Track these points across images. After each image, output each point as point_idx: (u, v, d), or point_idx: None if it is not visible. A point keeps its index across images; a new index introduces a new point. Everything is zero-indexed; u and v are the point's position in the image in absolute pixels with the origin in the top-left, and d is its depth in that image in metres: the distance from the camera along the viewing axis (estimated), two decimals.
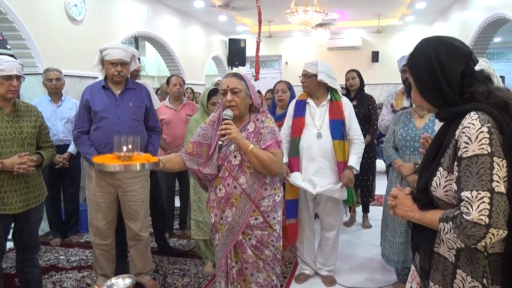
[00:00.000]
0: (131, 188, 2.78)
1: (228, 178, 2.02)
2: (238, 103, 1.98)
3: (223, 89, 1.99)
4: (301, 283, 3.07)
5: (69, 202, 4.01)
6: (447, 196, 1.14)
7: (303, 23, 6.53)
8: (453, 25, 7.29)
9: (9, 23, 3.93)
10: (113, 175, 2.72)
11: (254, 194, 2.02)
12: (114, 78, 2.70)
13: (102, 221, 2.79)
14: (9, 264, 3.34)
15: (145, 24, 6.24)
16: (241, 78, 2.04)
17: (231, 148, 2.03)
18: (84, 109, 2.72)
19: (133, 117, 2.73)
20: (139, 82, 3.00)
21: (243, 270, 2.09)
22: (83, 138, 2.71)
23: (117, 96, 2.73)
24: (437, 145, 1.21)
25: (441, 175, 1.15)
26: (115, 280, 1.38)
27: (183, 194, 4.22)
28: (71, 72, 4.45)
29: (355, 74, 4.24)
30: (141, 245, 2.90)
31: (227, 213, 2.05)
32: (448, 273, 1.17)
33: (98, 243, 2.83)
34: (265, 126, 2.05)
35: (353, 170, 2.81)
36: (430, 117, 2.69)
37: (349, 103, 2.94)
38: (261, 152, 1.95)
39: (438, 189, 1.16)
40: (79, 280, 3.14)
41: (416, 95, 1.26)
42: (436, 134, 1.27)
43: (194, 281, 3.10)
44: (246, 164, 2.01)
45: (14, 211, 2.31)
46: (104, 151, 2.66)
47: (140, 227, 2.85)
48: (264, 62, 10.65)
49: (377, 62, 9.53)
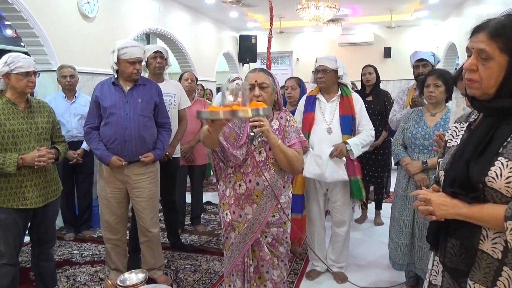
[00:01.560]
0: (139, 184, 2.79)
1: (250, 174, 2.00)
2: (266, 98, 1.97)
3: (251, 83, 1.97)
4: (312, 279, 3.07)
5: (82, 197, 4.06)
6: (507, 188, 1.05)
7: (315, 19, 6.48)
8: (468, 20, 7.16)
9: (23, 21, 3.97)
10: (121, 171, 2.73)
11: (277, 191, 2.02)
12: (132, 76, 2.72)
13: (112, 216, 2.82)
14: (25, 258, 3.40)
15: (156, 20, 6.26)
16: (268, 73, 2.03)
17: (255, 143, 2.01)
18: (94, 105, 2.75)
19: (142, 113, 2.73)
20: (149, 79, 3.01)
21: (259, 268, 2.09)
22: (93, 133, 2.74)
23: (126, 92, 2.74)
24: (486, 135, 1.10)
25: (503, 165, 1.05)
26: (128, 275, 1.40)
27: (194, 190, 4.24)
28: (84, 69, 4.49)
29: (372, 70, 4.19)
30: (152, 241, 2.92)
31: (247, 210, 2.03)
32: (490, 270, 1.09)
33: (108, 238, 2.86)
34: (290, 125, 2.07)
35: (347, 146, 2.76)
36: (442, 115, 2.65)
37: (359, 99, 2.92)
38: (288, 149, 1.96)
39: (498, 180, 1.05)
40: (92, 274, 3.18)
41: (494, 76, 1.07)
42: (481, 124, 1.16)
43: (205, 276, 3.12)
44: (271, 161, 2.00)
45: (35, 205, 2.36)
46: (112, 147, 2.69)
47: (149, 223, 2.87)
48: (275, 58, 10.61)
49: (389, 58, 9.42)
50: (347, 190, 2.89)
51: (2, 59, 2.33)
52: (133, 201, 2.85)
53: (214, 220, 4.52)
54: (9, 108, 2.33)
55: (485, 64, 1.06)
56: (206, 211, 4.83)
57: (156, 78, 3.33)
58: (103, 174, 2.79)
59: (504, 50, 1.02)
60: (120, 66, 2.70)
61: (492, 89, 1.08)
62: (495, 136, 1.08)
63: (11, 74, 2.31)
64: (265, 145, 2.00)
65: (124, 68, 2.69)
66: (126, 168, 2.74)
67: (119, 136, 2.69)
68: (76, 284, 3.02)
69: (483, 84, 1.08)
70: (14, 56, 2.32)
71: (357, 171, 2.88)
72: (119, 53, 2.66)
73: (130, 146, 2.70)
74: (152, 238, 2.91)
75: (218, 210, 2.20)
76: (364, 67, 4.25)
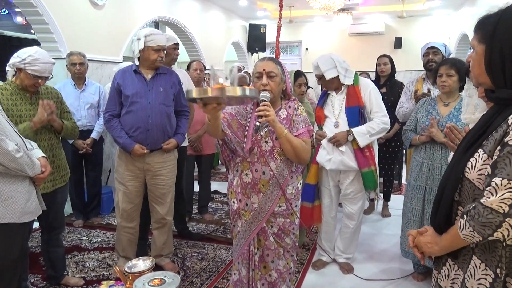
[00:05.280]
0: (160, 172, 2.81)
1: (256, 163, 2.01)
2: (273, 87, 1.96)
3: (259, 71, 1.96)
4: (318, 269, 3.07)
5: (92, 185, 4.10)
6: (479, 180, 1.10)
7: (325, 8, 6.41)
8: (481, 10, 6.85)
9: (33, 8, 3.98)
10: (142, 159, 2.75)
11: (283, 181, 2.02)
12: (156, 64, 2.73)
13: (129, 204, 2.83)
14: (34, 243, 3.46)
15: (165, 9, 6.23)
16: (277, 62, 2.01)
17: (262, 133, 2.01)
18: (115, 92, 2.74)
19: (163, 102, 2.74)
20: (170, 68, 3.01)
21: (264, 257, 2.10)
22: (114, 121, 2.74)
23: (148, 80, 2.74)
24: (482, 128, 1.15)
25: (479, 157, 1.10)
26: (136, 261, 1.40)
27: (202, 179, 4.26)
28: (93, 57, 4.49)
29: (387, 60, 4.11)
30: (165, 228, 2.96)
31: (253, 199, 2.04)
32: (467, 258, 1.16)
33: (123, 225, 2.87)
34: (298, 114, 2.05)
35: (350, 135, 2.73)
36: (455, 105, 2.61)
37: (368, 86, 2.83)
38: (294, 139, 1.95)
39: (472, 171, 1.11)
40: (100, 260, 3.23)
41: (477, 66, 1.14)
42: (482, 116, 1.20)
43: (212, 265, 3.14)
44: (278, 151, 2.00)
45: (43, 190, 2.38)
46: (134, 135, 2.70)
47: (167, 211, 2.91)
48: (284, 48, 10.52)
49: (400, 48, 9.27)
50: (359, 183, 2.85)
51: (22, 53, 2.34)
52: (152, 188, 2.86)
53: (222, 209, 4.55)
54: (17, 94, 2.38)
55: (471, 55, 1.17)
56: (214, 200, 4.85)
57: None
58: (123, 161, 2.80)
59: (482, 40, 1.12)
60: (144, 54, 2.69)
61: (481, 78, 1.14)
62: (489, 129, 1.13)
63: (23, 70, 2.34)
64: (271, 134, 1.99)
65: (149, 55, 2.69)
66: (148, 156, 2.75)
67: (142, 125, 2.69)
68: (85, 270, 3.06)
69: (472, 73, 1.17)
70: (34, 58, 2.33)
71: (371, 162, 2.80)
72: (145, 40, 2.66)
73: (152, 134, 2.72)
74: (166, 225, 2.95)
75: (227, 198, 2.21)
76: (379, 57, 4.18)
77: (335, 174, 2.91)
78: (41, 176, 1.95)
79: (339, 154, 2.79)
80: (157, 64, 2.74)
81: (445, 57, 3.39)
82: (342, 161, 2.79)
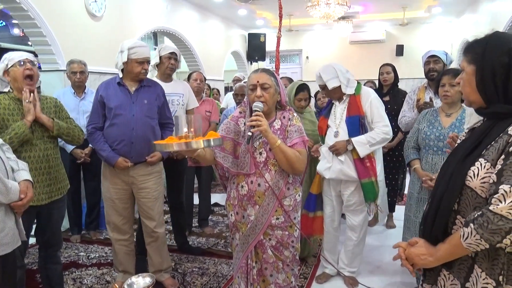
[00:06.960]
0: (144, 185, 2.77)
1: (251, 175, 1.99)
2: (268, 99, 1.95)
3: (253, 84, 1.96)
4: (322, 283, 3.00)
5: (91, 194, 4.02)
6: (481, 188, 1.12)
7: (325, 17, 6.38)
8: (483, 17, 6.99)
9: (31, 20, 3.96)
10: (126, 172, 2.70)
11: (279, 192, 1.99)
12: (140, 76, 2.70)
13: (118, 217, 2.80)
14: (31, 260, 3.38)
15: (164, 19, 6.22)
16: (271, 74, 2.01)
17: (256, 145, 2.00)
18: (98, 105, 2.71)
19: (148, 114, 2.71)
20: (154, 80, 2.97)
21: (262, 271, 2.07)
22: (97, 134, 2.70)
23: (132, 93, 2.71)
24: (478, 139, 1.19)
25: (481, 166, 1.13)
26: (135, 278, 1.38)
27: (202, 192, 4.19)
28: (91, 69, 4.44)
29: (390, 69, 4.08)
30: (158, 242, 2.90)
31: (250, 211, 2.02)
32: (464, 267, 1.17)
33: (117, 239, 2.84)
34: (292, 124, 2.03)
35: (349, 144, 2.70)
36: (457, 116, 2.57)
37: (369, 95, 2.79)
38: (288, 149, 1.93)
39: (475, 180, 1.13)
40: (98, 277, 3.15)
41: (468, 85, 1.21)
42: (479, 128, 1.25)
43: (213, 280, 3.06)
44: (272, 162, 1.98)
45: (38, 202, 2.32)
46: (118, 148, 2.66)
47: (156, 224, 2.85)
48: (284, 57, 10.52)
49: (401, 56, 9.26)
50: (361, 194, 2.79)
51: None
52: (139, 201, 2.82)
53: (222, 222, 4.46)
54: (14, 104, 2.35)
55: (461, 77, 1.25)
56: (214, 213, 4.77)
57: (165, 78, 3.36)
58: (107, 175, 2.76)
59: (472, 61, 1.20)
60: (128, 66, 2.67)
61: (472, 96, 1.21)
62: (484, 140, 1.17)
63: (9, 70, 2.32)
64: (265, 145, 1.99)
65: (132, 67, 2.66)
66: (132, 169, 2.71)
67: (126, 137, 2.66)
68: (83, 287, 2.98)
69: (464, 93, 1.25)
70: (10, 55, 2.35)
71: (371, 173, 2.75)
72: (129, 52, 2.63)
73: (136, 147, 2.68)
74: (158, 238, 2.88)
75: (226, 211, 2.20)
76: (381, 66, 4.14)
77: (336, 184, 2.87)
78: (19, 203, 1.77)
79: (338, 163, 2.76)
80: (141, 76, 2.71)
81: (446, 65, 3.35)
82: (342, 170, 2.75)
